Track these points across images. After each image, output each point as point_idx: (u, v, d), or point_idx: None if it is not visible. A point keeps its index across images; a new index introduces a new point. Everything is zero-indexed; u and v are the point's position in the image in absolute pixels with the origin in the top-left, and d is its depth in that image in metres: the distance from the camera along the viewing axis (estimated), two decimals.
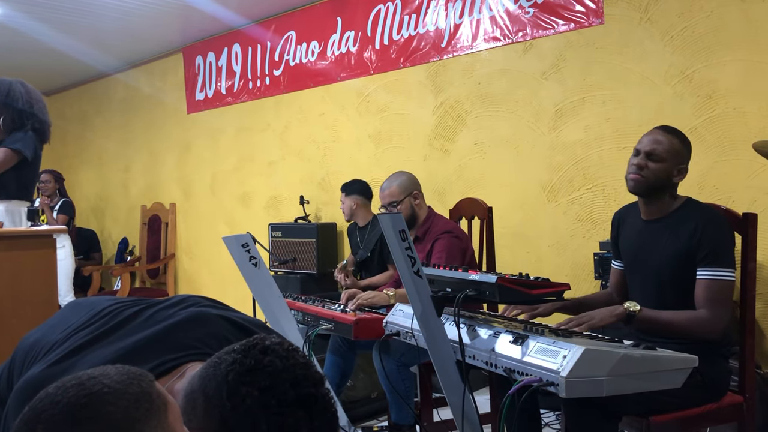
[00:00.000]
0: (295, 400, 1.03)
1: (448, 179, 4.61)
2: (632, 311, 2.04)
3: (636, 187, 2.24)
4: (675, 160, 2.21)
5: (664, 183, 2.21)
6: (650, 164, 2.21)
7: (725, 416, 2.18)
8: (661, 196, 2.24)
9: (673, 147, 2.22)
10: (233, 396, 1.01)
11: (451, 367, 2.03)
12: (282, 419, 1.01)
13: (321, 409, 1.05)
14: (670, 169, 2.21)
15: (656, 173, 2.20)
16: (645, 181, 2.22)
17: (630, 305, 2.05)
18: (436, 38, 4.68)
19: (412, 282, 1.97)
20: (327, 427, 1.05)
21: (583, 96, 3.99)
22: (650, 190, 2.23)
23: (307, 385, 1.05)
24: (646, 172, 2.21)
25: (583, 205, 4.00)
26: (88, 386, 0.90)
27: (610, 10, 3.87)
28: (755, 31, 3.37)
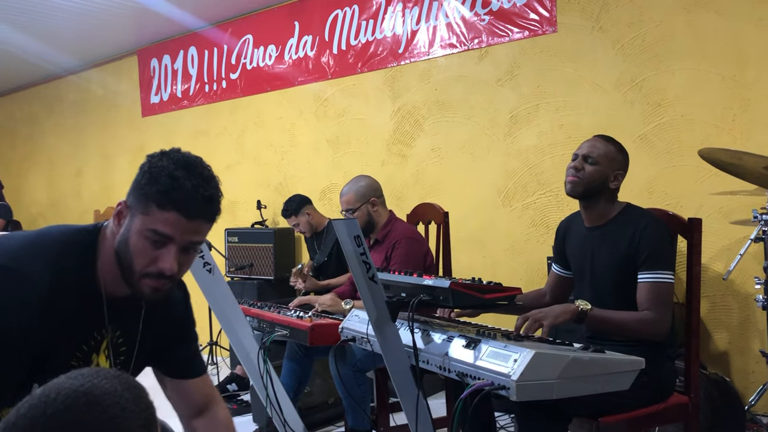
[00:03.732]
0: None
1: (406, 184, 4.63)
2: (584, 309, 2.08)
3: (573, 189, 2.30)
4: (611, 165, 2.27)
5: (600, 186, 2.27)
6: (586, 166, 2.27)
7: (671, 416, 2.24)
8: (598, 200, 2.29)
9: (609, 152, 2.28)
10: None
11: (406, 372, 2.04)
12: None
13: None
14: (606, 173, 2.26)
15: (592, 175, 2.26)
16: (581, 182, 2.27)
17: (581, 303, 2.09)
18: (394, 44, 4.70)
19: (366, 287, 1.98)
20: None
21: (537, 103, 4.05)
22: (587, 191, 2.28)
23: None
24: (582, 174, 2.27)
25: (537, 210, 4.06)
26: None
27: (562, 18, 3.95)
28: (701, 41, 3.48)
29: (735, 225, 3.16)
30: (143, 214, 1.41)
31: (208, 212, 1.46)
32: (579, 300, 2.11)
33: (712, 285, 3.41)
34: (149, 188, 1.40)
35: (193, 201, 1.41)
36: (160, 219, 1.40)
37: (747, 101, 3.37)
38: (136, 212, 1.42)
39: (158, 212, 1.39)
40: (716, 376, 2.85)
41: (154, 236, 1.41)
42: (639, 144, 3.64)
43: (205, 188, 1.44)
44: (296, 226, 4.40)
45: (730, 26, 3.39)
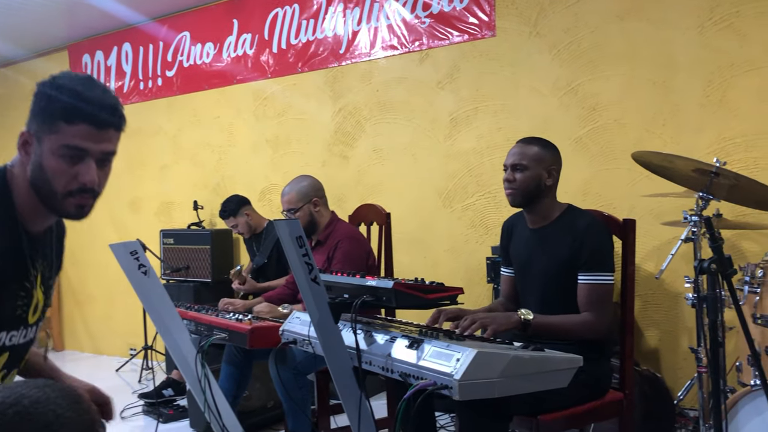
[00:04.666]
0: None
1: (347, 185, 4.61)
2: (526, 319, 2.11)
3: (513, 200, 2.35)
4: (540, 165, 2.31)
5: (537, 189, 2.30)
6: (517, 175, 2.31)
7: (607, 412, 2.29)
8: (539, 201, 2.33)
9: (534, 153, 2.31)
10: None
11: (348, 373, 2.02)
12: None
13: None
14: (538, 174, 2.30)
15: (525, 181, 2.29)
16: (518, 193, 2.31)
17: (523, 313, 2.12)
18: (335, 44, 4.68)
19: (309, 289, 1.95)
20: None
21: (476, 106, 4.11)
22: (526, 199, 2.32)
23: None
24: (516, 183, 2.31)
25: (477, 212, 4.11)
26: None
27: (501, 23, 4.01)
28: (633, 48, 3.59)
29: (665, 226, 3.28)
30: (52, 134, 1.41)
31: (116, 120, 1.50)
32: (521, 309, 2.14)
33: (643, 284, 3.52)
34: (53, 107, 1.41)
35: (101, 110, 1.44)
36: (71, 133, 1.42)
37: (676, 106, 3.49)
38: (43, 135, 1.42)
39: (68, 127, 1.40)
40: (648, 372, 2.94)
41: (69, 152, 1.43)
42: (574, 147, 3.73)
43: (108, 98, 1.48)
44: (234, 227, 4.33)
45: (660, 34, 3.52)
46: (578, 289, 2.20)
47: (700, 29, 3.41)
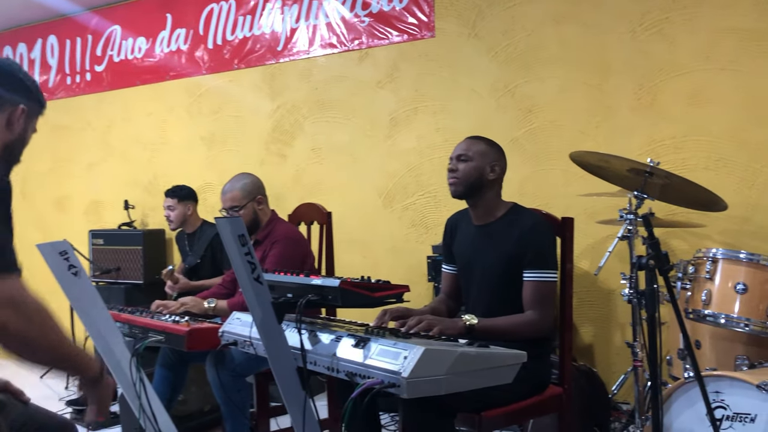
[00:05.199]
0: None
1: (286, 184, 4.55)
2: (471, 324, 2.12)
3: (455, 190, 2.36)
4: (484, 159, 2.33)
5: (479, 180, 2.33)
6: (460, 165, 2.33)
7: (548, 407, 2.33)
8: (482, 195, 2.35)
9: (478, 147, 2.35)
10: None
11: (292, 374, 1.98)
12: None
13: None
14: (482, 167, 2.32)
15: (468, 171, 2.32)
16: (459, 182, 2.33)
17: (468, 318, 2.13)
18: (272, 41, 4.61)
19: (251, 288, 1.90)
20: None
21: (416, 106, 4.12)
22: (467, 189, 2.34)
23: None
24: (459, 173, 2.33)
25: (417, 211, 4.13)
26: None
27: (440, 24, 4.04)
28: (568, 51, 3.68)
29: (598, 225, 3.37)
30: (38, 114, 1.67)
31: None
32: (465, 315, 2.15)
33: (579, 282, 3.60)
34: (35, 88, 1.64)
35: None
36: (40, 114, 1.69)
37: (609, 109, 3.60)
38: (33, 114, 1.65)
39: (40, 109, 1.66)
40: (584, 367, 3.02)
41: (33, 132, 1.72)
42: (511, 148, 3.79)
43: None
44: (170, 209, 4.15)
45: (594, 38, 3.62)
46: (523, 287, 2.23)
47: (632, 34, 3.53)
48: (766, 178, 3.25)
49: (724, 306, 2.32)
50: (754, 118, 3.27)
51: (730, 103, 3.32)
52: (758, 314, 2.27)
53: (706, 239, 3.32)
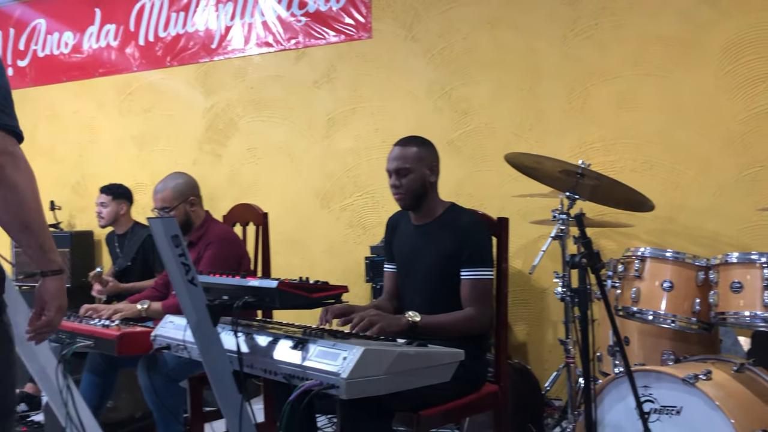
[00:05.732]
0: None
1: (220, 184, 4.47)
2: (413, 321, 2.13)
3: (405, 205, 2.38)
4: (422, 164, 2.35)
5: (423, 188, 2.34)
6: (403, 180, 2.33)
7: (484, 405, 2.36)
8: (426, 199, 2.37)
9: (414, 154, 2.35)
10: None
11: (228, 378, 1.94)
12: None
13: None
14: (422, 174, 2.34)
15: (412, 184, 2.33)
16: (407, 197, 2.34)
17: (411, 315, 2.14)
18: (206, 39, 4.52)
19: (185, 290, 1.85)
20: None
21: (354, 106, 4.12)
22: (416, 200, 2.35)
23: None
24: (403, 188, 2.33)
25: (354, 212, 4.12)
26: None
27: (377, 25, 4.05)
28: (503, 55, 3.75)
29: (530, 225, 3.44)
30: None
31: None
32: (409, 312, 2.16)
33: (512, 281, 3.65)
34: None
35: None
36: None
37: (541, 112, 3.68)
38: None
39: None
40: (518, 364, 3.07)
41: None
42: (448, 149, 3.83)
43: None
44: (102, 206, 4.00)
45: (527, 42, 3.70)
46: (461, 285, 2.25)
47: (563, 39, 3.62)
48: (689, 179, 3.40)
49: (652, 303, 2.40)
50: (678, 122, 3.41)
51: (656, 108, 3.45)
52: (683, 311, 2.36)
53: (634, 239, 3.44)
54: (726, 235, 3.32)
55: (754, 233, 3.27)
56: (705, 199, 3.37)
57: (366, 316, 2.05)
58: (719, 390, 2.07)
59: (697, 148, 3.38)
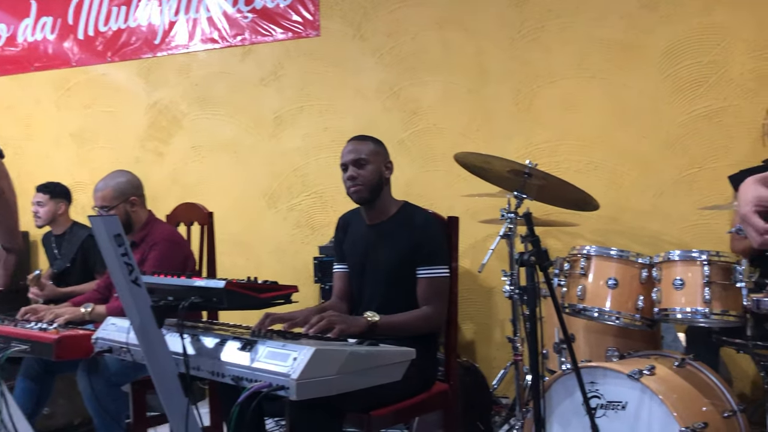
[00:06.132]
0: None
1: (163, 183, 4.36)
2: (372, 321, 2.11)
3: (360, 197, 2.33)
4: (379, 158, 2.35)
5: (379, 182, 2.34)
6: (360, 171, 2.31)
7: (434, 404, 2.36)
8: (380, 195, 2.35)
9: (370, 148, 2.35)
10: None
11: (173, 381, 1.88)
12: None
13: None
14: (379, 168, 2.34)
15: (370, 175, 2.31)
16: (364, 188, 2.31)
17: (370, 315, 2.12)
18: (149, 34, 4.41)
19: (129, 291, 1.79)
20: None
21: (302, 105, 4.08)
22: (372, 193, 2.34)
23: None
24: (361, 179, 2.31)
25: (302, 212, 4.08)
26: None
27: (326, 23, 4.02)
28: (451, 56, 3.77)
29: (478, 225, 3.47)
30: None
31: None
32: (367, 312, 2.14)
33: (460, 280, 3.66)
34: None
35: None
36: None
37: (488, 113, 3.72)
38: None
39: None
40: (467, 363, 3.09)
41: None
42: (397, 149, 3.82)
43: None
44: (39, 205, 3.84)
45: (475, 44, 3.73)
46: (417, 284, 2.24)
47: (510, 41, 3.66)
48: (632, 180, 3.48)
49: (597, 300, 2.44)
50: (620, 124, 3.49)
51: (600, 110, 3.53)
52: (627, 308, 2.41)
53: (579, 238, 3.50)
54: (667, 234, 3.42)
55: (694, 232, 3.37)
56: (646, 200, 3.47)
57: (325, 317, 2.02)
58: (662, 384, 2.12)
59: (638, 150, 3.47)
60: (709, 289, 2.22)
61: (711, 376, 2.32)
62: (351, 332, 2.04)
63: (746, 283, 2.21)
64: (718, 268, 2.25)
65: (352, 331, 2.05)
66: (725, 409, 2.22)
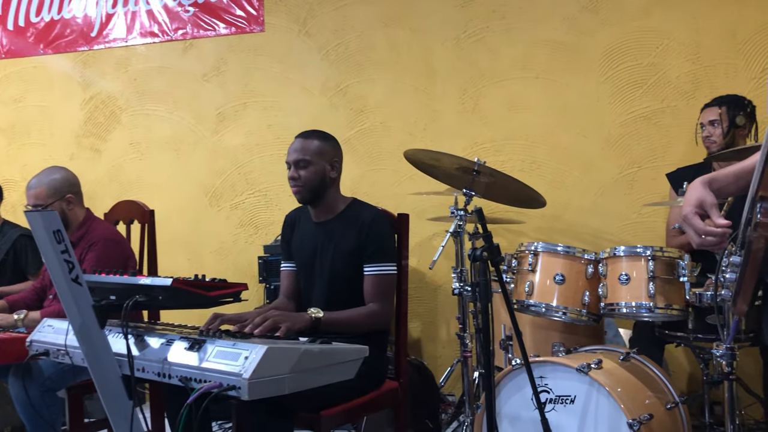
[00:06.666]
0: None
1: (100, 181, 4.20)
2: (317, 317, 2.07)
3: (301, 198, 2.31)
4: (323, 158, 2.30)
5: (322, 183, 2.30)
6: (301, 172, 2.28)
7: (385, 402, 2.34)
8: (326, 195, 2.32)
9: (315, 147, 2.31)
10: None
11: (116, 383, 1.81)
12: None
13: None
14: (322, 168, 2.29)
15: (310, 177, 2.28)
16: (304, 190, 2.29)
17: (314, 312, 2.08)
18: (85, 26, 4.24)
19: (69, 291, 1.70)
20: None
21: (245, 101, 4.00)
22: (313, 194, 2.30)
23: None
24: (301, 180, 2.28)
25: (246, 210, 4.00)
26: None
27: (270, 19, 3.95)
28: (398, 54, 3.77)
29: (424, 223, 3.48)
30: None
31: None
32: (311, 309, 2.10)
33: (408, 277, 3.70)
34: None
35: None
36: None
37: (435, 112, 3.73)
38: None
39: None
40: (416, 361, 3.09)
41: None
42: (343, 147, 3.66)
43: None
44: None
45: (422, 43, 3.73)
46: (364, 280, 2.22)
47: (456, 41, 3.68)
48: (574, 179, 3.55)
49: (545, 296, 2.48)
50: (563, 125, 3.56)
51: (543, 110, 3.58)
52: (574, 303, 2.45)
53: (523, 236, 3.55)
54: (608, 231, 3.50)
55: (634, 230, 3.46)
56: (588, 198, 3.54)
57: (269, 317, 1.97)
58: (609, 378, 2.16)
59: (580, 150, 3.55)
60: (653, 283, 2.28)
61: (654, 369, 2.38)
62: (296, 329, 2.01)
63: (689, 278, 2.27)
64: (661, 263, 2.31)
65: (296, 328, 2.02)
66: (668, 401, 2.28)
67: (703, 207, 1.30)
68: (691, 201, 1.32)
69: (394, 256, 2.28)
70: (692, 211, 1.31)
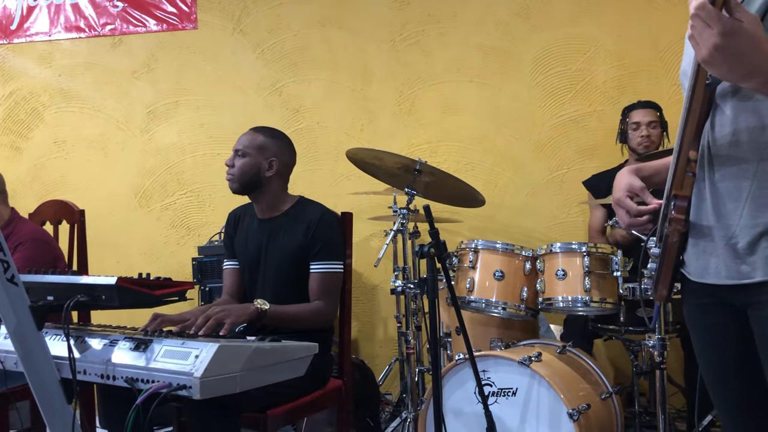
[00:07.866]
0: None
1: (21, 180, 4.01)
2: (263, 309, 2.05)
3: (231, 186, 2.31)
4: (261, 154, 2.29)
5: (255, 177, 2.28)
6: (237, 161, 2.28)
7: (329, 401, 2.34)
8: (262, 191, 2.30)
9: (258, 142, 2.30)
10: None
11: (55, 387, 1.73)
12: None
13: None
14: (257, 163, 2.28)
15: (243, 168, 2.27)
16: (235, 179, 2.28)
17: (260, 303, 2.06)
18: (4, 19, 4.05)
19: (4, 291, 1.63)
20: None
21: (177, 99, 3.91)
22: (243, 186, 2.29)
23: None
24: (234, 169, 2.28)
25: (178, 211, 3.90)
26: None
27: (203, 16, 3.88)
28: (334, 55, 3.77)
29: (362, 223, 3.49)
30: None
31: None
32: (257, 300, 2.08)
33: None
34: None
35: None
36: None
37: (372, 113, 3.75)
38: None
39: None
40: (357, 360, 3.09)
41: None
42: None
43: None
44: None
45: (357, 44, 3.75)
46: (310, 278, 2.22)
47: (392, 43, 3.72)
48: (506, 180, 3.65)
49: (485, 292, 2.53)
50: (496, 127, 3.65)
51: (477, 113, 3.67)
52: (513, 298, 2.51)
53: (459, 235, 3.62)
54: (538, 230, 3.61)
55: (561, 229, 3.59)
56: (520, 198, 3.65)
57: (211, 315, 1.94)
58: (549, 369, 2.23)
59: (512, 152, 3.65)
60: (588, 278, 2.37)
61: (588, 361, 2.48)
62: (241, 321, 1.99)
63: (622, 273, 2.38)
64: (596, 259, 2.41)
65: (242, 321, 2.00)
66: (602, 391, 2.38)
67: (633, 191, 1.38)
68: (622, 186, 1.39)
69: (341, 255, 2.28)
70: (624, 195, 1.37)
